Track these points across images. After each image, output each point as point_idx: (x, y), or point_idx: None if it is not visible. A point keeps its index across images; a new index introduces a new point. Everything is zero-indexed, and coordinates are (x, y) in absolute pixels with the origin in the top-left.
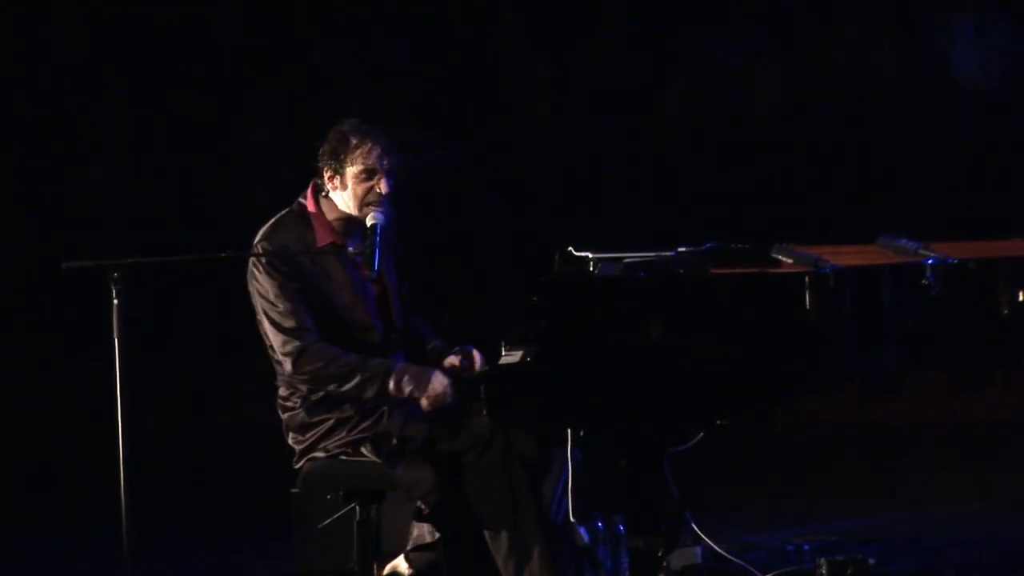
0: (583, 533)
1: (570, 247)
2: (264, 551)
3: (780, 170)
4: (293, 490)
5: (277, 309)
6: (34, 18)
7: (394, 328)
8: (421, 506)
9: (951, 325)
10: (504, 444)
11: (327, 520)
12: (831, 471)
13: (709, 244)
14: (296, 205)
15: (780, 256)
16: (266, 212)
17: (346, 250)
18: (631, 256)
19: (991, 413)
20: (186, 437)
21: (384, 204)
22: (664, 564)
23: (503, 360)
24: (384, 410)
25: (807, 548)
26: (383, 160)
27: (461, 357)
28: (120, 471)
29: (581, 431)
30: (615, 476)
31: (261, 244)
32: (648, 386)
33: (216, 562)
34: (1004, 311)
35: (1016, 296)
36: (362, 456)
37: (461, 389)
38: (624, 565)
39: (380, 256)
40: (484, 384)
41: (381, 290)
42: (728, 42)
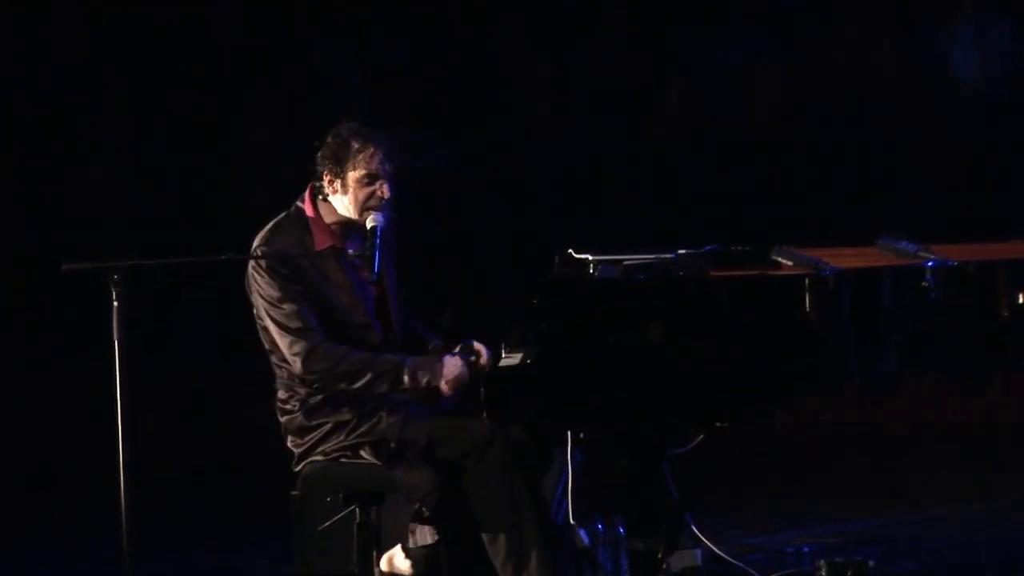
0: (583, 535)
1: (570, 249)
2: (264, 553)
3: (780, 171)
4: (293, 492)
5: (282, 311)
6: (34, 18)
7: (393, 329)
8: (421, 508)
9: (951, 327)
10: (504, 446)
11: (327, 522)
12: (831, 471)
13: (709, 246)
14: (294, 209)
15: (780, 258)
16: (266, 212)
17: (345, 253)
18: (631, 258)
19: (991, 414)
20: (186, 438)
21: (385, 208)
22: (664, 566)
23: (503, 362)
24: (382, 414)
25: (807, 550)
26: (385, 165)
27: (463, 352)
28: (120, 472)
29: (581, 433)
30: (615, 478)
31: (260, 249)
32: (648, 388)
33: (216, 563)
34: (1004, 313)
35: (1016, 298)
36: (361, 459)
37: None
38: (624, 567)
39: (380, 258)
40: (484, 386)
41: (380, 292)
42: (728, 42)
